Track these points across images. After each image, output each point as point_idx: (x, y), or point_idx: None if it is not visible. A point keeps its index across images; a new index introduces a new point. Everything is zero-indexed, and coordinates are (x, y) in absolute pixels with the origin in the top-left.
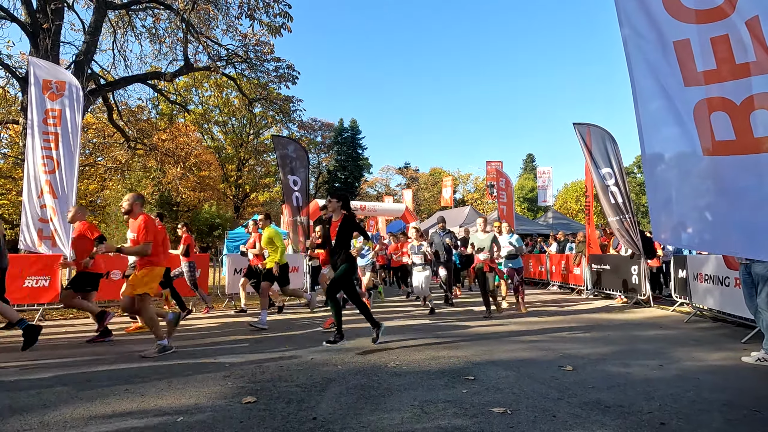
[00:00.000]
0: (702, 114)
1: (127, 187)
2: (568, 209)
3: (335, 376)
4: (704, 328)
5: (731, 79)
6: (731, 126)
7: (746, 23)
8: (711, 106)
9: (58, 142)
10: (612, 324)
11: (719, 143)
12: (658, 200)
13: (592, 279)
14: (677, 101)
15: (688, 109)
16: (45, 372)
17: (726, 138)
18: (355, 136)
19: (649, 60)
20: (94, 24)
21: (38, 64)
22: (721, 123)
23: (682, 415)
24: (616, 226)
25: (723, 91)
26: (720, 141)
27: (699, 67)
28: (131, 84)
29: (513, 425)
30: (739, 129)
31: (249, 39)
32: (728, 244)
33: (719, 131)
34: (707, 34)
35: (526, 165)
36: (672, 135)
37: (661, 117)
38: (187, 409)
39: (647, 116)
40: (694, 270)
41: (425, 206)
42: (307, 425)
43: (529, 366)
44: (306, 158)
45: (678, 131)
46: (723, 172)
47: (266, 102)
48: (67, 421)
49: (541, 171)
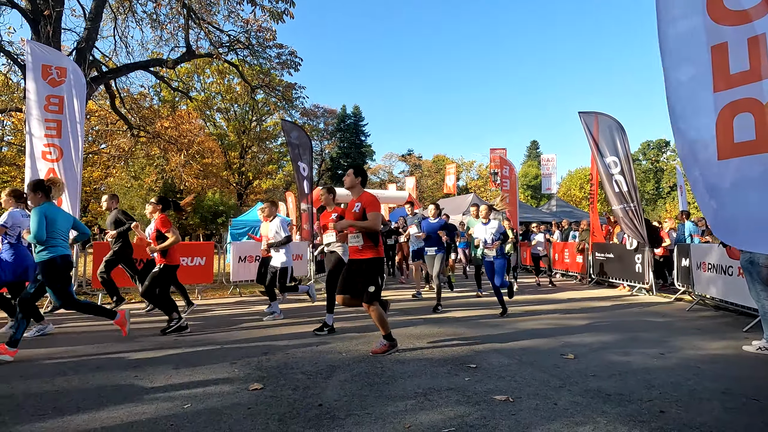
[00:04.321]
0: (725, 118)
1: (130, 174)
2: (572, 197)
3: (340, 363)
4: (706, 317)
5: (761, 79)
6: (754, 126)
7: None
8: (737, 108)
9: (61, 130)
10: (614, 312)
11: (738, 145)
12: (698, 193)
13: (595, 267)
14: (706, 105)
15: (712, 113)
16: (58, 359)
17: (746, 139)
18: (357, 123)
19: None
20: (94, 10)
21: (36, 48)
22: (744, 124)
23: (681, 404)
24: (621, 215)
25: (752, 91)
26: (739, 143)
27: (732, 70)
28: (133, 71)
29: (515, 413)
30: (761, 129)
31: (251, 25)
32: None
33: (740, 132)
34: (745, 35)
35: (530, 152)
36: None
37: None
38: (195, 395)
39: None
40: (697, 259)
41: (428, 194)
42: (312, 412)
43: (531, 354)
44: (309, 145)
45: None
46: (738, 171)
47: (268, 89)
48: (79, 407)
49: (545, 158)
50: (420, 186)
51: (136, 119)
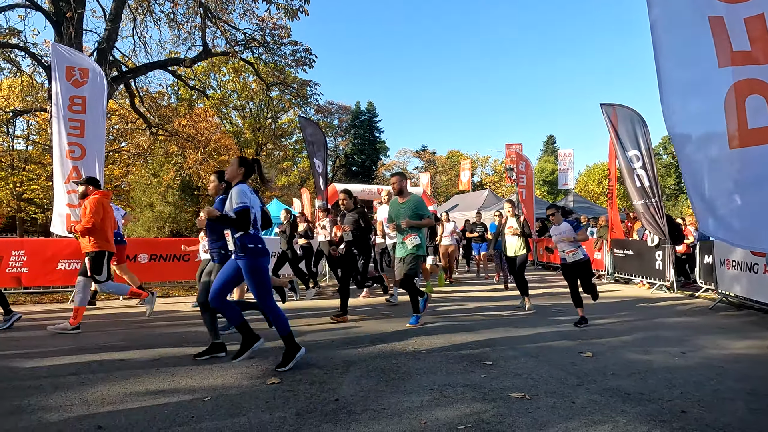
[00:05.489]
0: (732, 99)
1: (150, 172)
2: (589, 192)
3: (356, 359)
4: (730, 316)
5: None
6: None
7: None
8: (748, 89)
9: (84, 129)
10: (633, 310)
11: (752, 131)
12: (689, 183)
13: (613, 264)
14: (709, 81)
15: (720, 91)
16: (83, 353)
17: (761, 125)
18: (371, 119)
19: (681, 35)
20: (114, 11)
21: (60, 50)
22: (756, 108)
23: (704, 404)
24: (641, 210)
25: (760, 73)
26: (754, 129)
27: (734, 47)
28: (152, 70)
29: (532, 410)
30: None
31: (266, 23)
32: (757, 237)
33: (753, 118)
34: (741, 14)
35: (546, 147)
36: (700, 112)
37: (690, 90)
38: (215, 388)
39: (673, 85)
40: (721, 256)
41: (443, 190)
42: (329, 406)
43: (548, 351)
44: (323, 141)
45: (706, 110)
46: (755, 161)
47: (283, 86)
48: (104, 398)
49: (562, 153)
50: (434, 182)
51: (155, 118)
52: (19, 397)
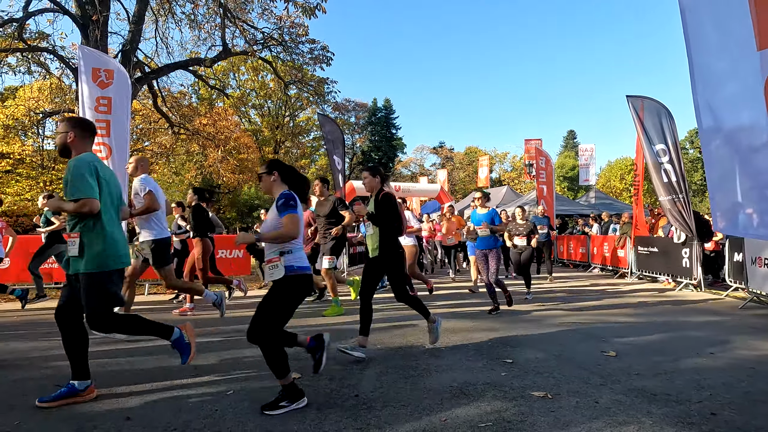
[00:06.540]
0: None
1: (172, 170)
2: (611, 188)
3: (374, 355)
4: (762, 315)
5: None
6: None
7: None
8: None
9: (110, 129)
10: (658, 309)
11: None
12: (714, 176)
13: (637, 262)
14: (745, 66)
15: (757, 76)
16: (111, 347)
17: None
18: (388, 116)
19: (715, 16)
20: (137, 13)
21: (87, 52)
22: None
23: (735, 406)
24: (668, 206)
25: None
26: None
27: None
28: (174, 71)
29: (554, 410)
30: None
31: (284, 21)
32: None
33: None
34: None
35: (566, 142)
36: (734, 97)
37: (725, 77)
38: (237, 381)
39: (705, 72)
40: (752, 254)
41: (460, 186)
42: (349, 402)
43: (570, 350)
44: (341, 139)
45: (742, 95)
46: None
47: (301, 84)
48: (132, 391)
49: (583, 149)
50: (452, 178)
51: (177, 117)
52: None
